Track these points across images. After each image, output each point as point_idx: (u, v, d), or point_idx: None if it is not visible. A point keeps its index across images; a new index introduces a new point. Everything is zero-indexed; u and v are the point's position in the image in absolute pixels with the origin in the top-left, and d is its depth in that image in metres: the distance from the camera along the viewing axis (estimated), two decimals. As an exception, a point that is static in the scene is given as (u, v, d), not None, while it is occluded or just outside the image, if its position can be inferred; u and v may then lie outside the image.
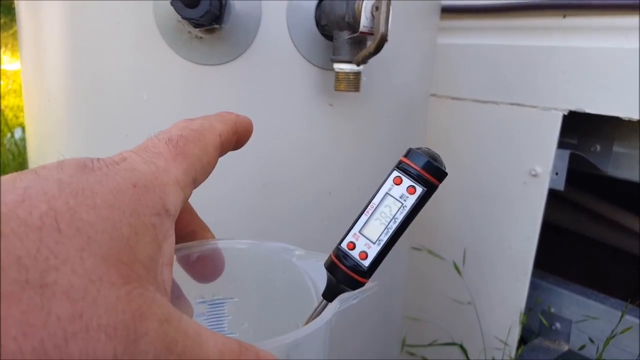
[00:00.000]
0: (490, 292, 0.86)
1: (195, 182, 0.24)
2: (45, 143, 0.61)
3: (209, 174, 0.26)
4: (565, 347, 0.83)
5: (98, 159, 0.22)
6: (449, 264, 0.87)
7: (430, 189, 0.26)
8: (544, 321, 0.83)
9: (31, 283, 0.16)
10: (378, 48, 0.46)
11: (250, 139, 0.52)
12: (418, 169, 0.26)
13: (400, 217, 0.26)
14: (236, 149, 0.29)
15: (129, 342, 0.17)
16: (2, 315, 0.15)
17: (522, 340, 0.85)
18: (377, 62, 0.53)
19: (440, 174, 0.26)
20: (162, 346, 0.18)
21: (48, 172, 0.20)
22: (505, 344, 0.81)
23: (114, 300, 0.17)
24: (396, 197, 0.26)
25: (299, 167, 0.55)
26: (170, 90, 0.51)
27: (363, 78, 0.51)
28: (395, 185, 0.27)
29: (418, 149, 0.26)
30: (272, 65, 0.51)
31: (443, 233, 0.92)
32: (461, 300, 0.88)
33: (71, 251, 0.17)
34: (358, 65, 0.49)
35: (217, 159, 0.26)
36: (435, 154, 0.26)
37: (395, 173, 0.27)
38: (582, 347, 0.77)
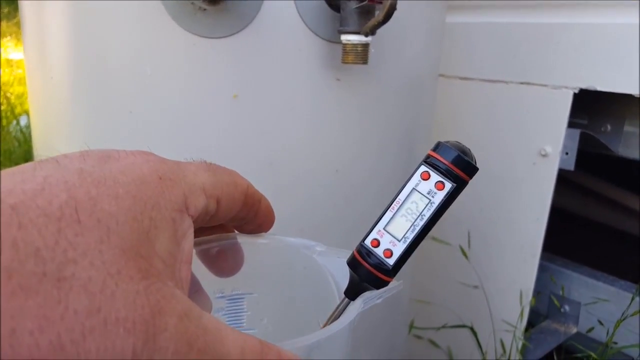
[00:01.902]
0: (498, 275, 0.85)
1: (220, 205, 0.24)
2: (50, 123, 0.60)
3: (234, 212, 0.25)
4: (574, 330, 0.83)
5: (125, 150, 0.21)
6: (457, 246, 0.86)
7: (460, 185, 0.25)
8: (556, 301, 0.83)
9: (49, 276, 0.15)
10: (387, 16, 0.45)
11: (256, 115, 0.51)
12: (447, 163, 0.25)
13: (427, 213, 0.25)
14: (257, 224, 0.28)
15: (149, 338, 0.16)
16: (19, 308, 0.14)
17: (530, 323, 0.85)
18: (384, 37, 0.52)
19: (471, 169, 0.25)
20: (183, 342, 0.17)
21: (69, 161, 0.19)
22: (514, 326, 0.81)
23: (133, 295, 0.17)
24: (424, 193, 0.25)
25: (305, 144, 0.54)
26: (174, 64, 0.50)
27: (371, 50, 0.49)
28: (422, 181, 0.25)
29: (447, 142, 0.25)
30: (277, 38, 0.50)
31: (450, 215, 0.91)
32: (469, 283, 0.88)
33: (90, 243, 0.17)
34: (366, 36, 0.48)
35: (242, 202, 0.25)
36: (466, 147, 0.25)
37: (423, 168, 0.26)
38: (591, 330, 0.77)
